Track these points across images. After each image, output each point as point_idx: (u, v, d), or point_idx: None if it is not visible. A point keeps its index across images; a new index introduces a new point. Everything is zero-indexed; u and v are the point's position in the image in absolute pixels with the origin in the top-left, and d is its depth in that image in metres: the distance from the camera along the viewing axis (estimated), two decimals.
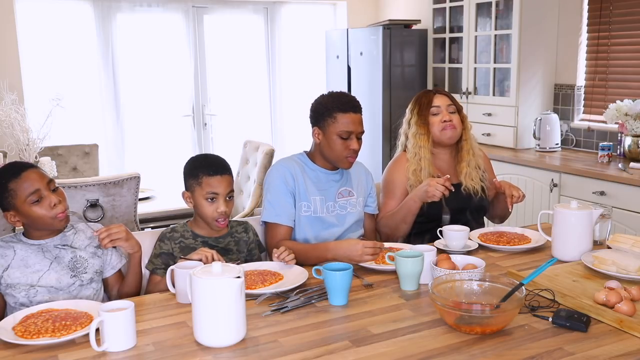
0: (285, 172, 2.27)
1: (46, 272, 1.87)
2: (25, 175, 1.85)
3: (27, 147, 3.64)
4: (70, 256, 1.92)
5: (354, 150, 2.24)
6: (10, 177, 1.85)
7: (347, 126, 2.21)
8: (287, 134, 5.98)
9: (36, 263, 1.88)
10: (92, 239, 1.98)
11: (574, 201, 2.10)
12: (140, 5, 5.32)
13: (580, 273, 1.90)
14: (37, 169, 1.91)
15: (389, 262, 1.97)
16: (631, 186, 3.42)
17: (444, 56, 5.11)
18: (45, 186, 1.86)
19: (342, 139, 2.22)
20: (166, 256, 2.06)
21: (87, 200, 3.09)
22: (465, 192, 2.50)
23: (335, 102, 2.25)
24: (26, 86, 4.88)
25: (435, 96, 2.57)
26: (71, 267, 1.91)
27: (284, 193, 2.25)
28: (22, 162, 1.98)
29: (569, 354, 1.43)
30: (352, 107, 2.24)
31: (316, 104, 2.30)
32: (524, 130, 4.43)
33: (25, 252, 1.89)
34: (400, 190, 2.51)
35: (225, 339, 1.50)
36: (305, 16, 6.00)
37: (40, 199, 1.85)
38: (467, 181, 2.52)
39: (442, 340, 1.51)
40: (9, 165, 1.94)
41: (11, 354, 1.49)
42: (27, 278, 1.86)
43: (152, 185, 4.12)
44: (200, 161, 2.13)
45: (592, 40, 4.29)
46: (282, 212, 2.24)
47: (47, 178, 1.89)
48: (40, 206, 1.85)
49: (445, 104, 2.55)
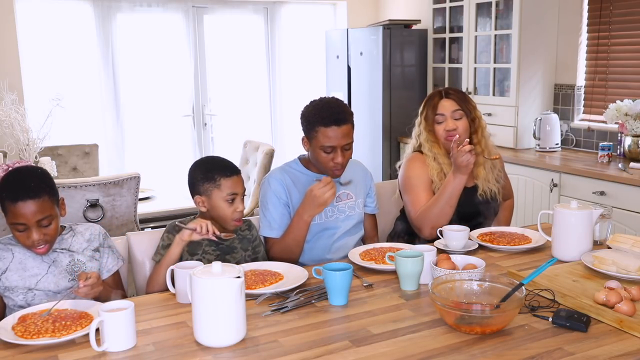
0: (276, 185, 2.26)
1: (44, 275, 1.86)
2: (20, 205, 1.76)
3: (27, 147, 3.64)
4: (68, 260, 1.90)
5: (338, 163, 2.19)
6: (10, 196, 1.78)
7: (329, 141, 2.16)
8: (287, 134, 5.98)
9: (34, 267, 1.86)
10: (90, 242, 1.96)
11: (574, 201, 2.10)
12: (140, 5, 5.32)
13: (580, 273, 1.90)
14: (38, 201, 1.78)
15: (389, 262, 1.97)
16: (631, 186, 3.42)
17: (444, 56, 5.11)
18: (35, 223, 1.78)
19: (326, 152, 2.19)
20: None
21: (87, 200, 3.09)
22: (483, 197, 2.46)
23: (317, 116, 2.18)
24: (26, 86, 4.88)
25: (441, 101, 2.46)
26: (69, 271, 1.89)
27: (276, 206, 2.25)
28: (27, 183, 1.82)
29: (569, 354, 1.43)
30: (334, 120, 2.15)
31: (302, 114, 2.25)
32: (524, 130, 4.43)
33: (23, 255, 1.87)
34: (427, 183, 2.42)
35: (225, 339, 1.50)
36: (305, 16, 6.01)
37: (25, 230, 1.79)
38: (484, 185, 2.46)
39: (442, 340, 1.51)
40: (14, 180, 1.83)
41: (11, 354, 1.49)
42: (25, 281, 1.84)
43: (152, 185, 4.12)
44: (212, 164, 2.11)
45: (592, 40, 4.29)
46: (276, 226, 2.24)
47: (39, 215, 1.78)
48: (21, 235, 1.80)
49: (451, 109, 2.44)
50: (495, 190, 2.49)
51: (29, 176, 1.84)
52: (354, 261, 2.07)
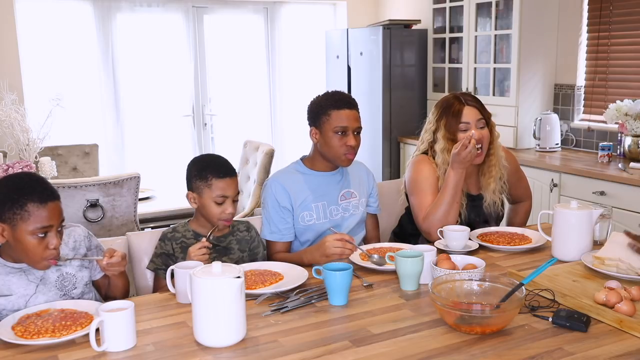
0: (277, 188, 2.26)
1: (33, 295, 1.75)
2: (51, 206, 1.69)
3: (27, 147, 3.64)
4: (56, 275, 1.80)
5: (351, 146, 2.23)
6: (34, 199, 1.68)
7: (341, 122, 2.21)
8: (287, 134, 5.98)
9: (20, 288, 1.74)
10: (76, 250, 1.86)
11: (574, 201, 2.10)
12: (140, 5, 5.32)
13: (580, 273, 1.90)
14: (59, 203, 1.74)
15: (389, 262, 1.97)
16: (631, 186, 3.42)
17: (444, 56, 5.11)
18: (58, 225, 1.73)
19: (338, 135, 2.22)
20: (166, 256, 2.06)
21: (87, 200, 3.09)
22: (487, 209, 2.46)
23: (329, 100, 2.26)
24: (26, 86, 4.88)
25: (465, 108, 2.36)
26: (59, 287, 1.80)
27: (277, 210, 2.25)
28: (48, 184, 1.76)
29: (569, 354, 1.43)
30: (345, 103, 2.24)
31: (311, 104, 2.31)
32: (524, 130, 4.43)
33: (5, 276, 1.74)
34: (433, 186, 2.39)
35: (225, 339, 1.50)
36: (305, 16, 6.01)
37: (44, 235, 1.70)
38: (491, 196, 2.45)
39: (442, 340, 1.51)
40: (30, 181, 1.75)
41: (11, 354, 1.49)
42: (12, 305, 1.72)
43: (152, 185, 4.12)
44: (208, 162, 2.11)
45: (592, 40, 4.29)
46: (276, 230, 2.25)
47: (62, 216, 1.75)
48: (39, 241, 1.69)
49: (475, 118, 2.36)
50: (499, 203, 2.50)
51: (41, 179, 1.80)
52: (354, 261, 2.07)
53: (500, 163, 2.46)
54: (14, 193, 1.69)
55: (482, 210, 2.46)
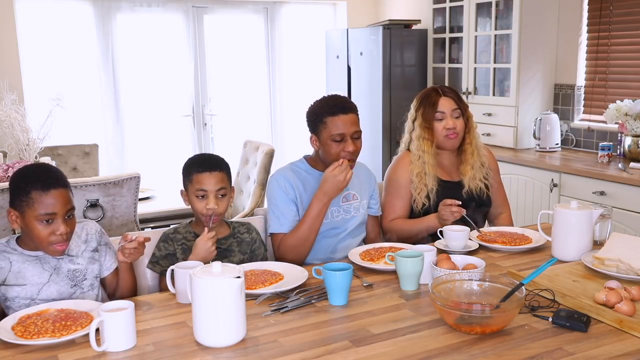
0: (283, 181, 2.27)
1: (46, 284, 1.80)
2: (53, 193, 1.75)
3: (27, 147, 3.64)
4: (69, 266, 1.85)
5: (349, 152, 2.21)
6: (37, 186, 1.74)
7: (337, 129, 2.19)
8: (287, 134, 5.98)
9: (34, 275, 1.80)
10: (88, 243, 1.92)
11: (574, 201, 2.10)
12: (140, 5, 5.32)
13: (580, 273, 1.90)
14: (67, 190, 1.80)
15: (389, 262, 1.97)
16: (631, 186, 3.42)
17: (444, 56, 5.11)
18: (64, 213, 1.77)
19: (336, 142, 2.20)
20: (172, 257, 2.05)
21: (87, 200, 3.09)
22: (468, 194, 2.51)
23: (323, 107, 2.23)
24: (26, 86, 4.88)
25: (441, 99, 2.51)
26: (71, 277, 1.85)
27: (286, 202, 2.25)
28: (55, 173, 1.83)
29: (569, 354, 1.43)
30: (340, 108, 2.21)
31: (308, 111, 2.29)
32: (524, 130, 4.43)
33: (22, 264, 1.80)
34: (405, 190, 2.50)
35: (225, 339, 1.50)
36: (305, 16, 6.00)
37: (51, 221, 1.75)
38: (470, 183, 2.52)
39: (442, 340, 1.51)
40: (37, 169, 1.83)
41: (11, 354, 1.49)
42: (25, 292, 1.78)
43: (152, 185, 4.12)
44: (193, 159, 2.13)
45: (592, 40, 4.29)
46: (285, 222, 2.24)
47: (68, 205, 1.79)
48: (45, 227, 1.75)
49: (451, 108, 2.50)
50: (482, 186, 2.53)
51: (51, 168, 1.88)
52: (354, 261, 2.07)
53: (478, 152, 2.56)
54: (20, 181, 1.79)
55: (461, 197, 2.47)
